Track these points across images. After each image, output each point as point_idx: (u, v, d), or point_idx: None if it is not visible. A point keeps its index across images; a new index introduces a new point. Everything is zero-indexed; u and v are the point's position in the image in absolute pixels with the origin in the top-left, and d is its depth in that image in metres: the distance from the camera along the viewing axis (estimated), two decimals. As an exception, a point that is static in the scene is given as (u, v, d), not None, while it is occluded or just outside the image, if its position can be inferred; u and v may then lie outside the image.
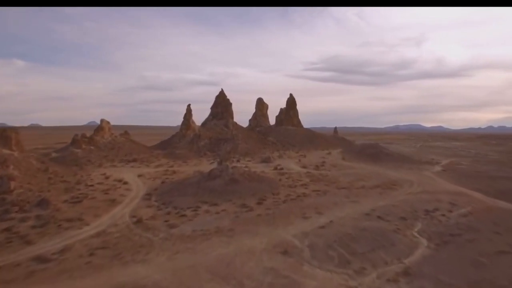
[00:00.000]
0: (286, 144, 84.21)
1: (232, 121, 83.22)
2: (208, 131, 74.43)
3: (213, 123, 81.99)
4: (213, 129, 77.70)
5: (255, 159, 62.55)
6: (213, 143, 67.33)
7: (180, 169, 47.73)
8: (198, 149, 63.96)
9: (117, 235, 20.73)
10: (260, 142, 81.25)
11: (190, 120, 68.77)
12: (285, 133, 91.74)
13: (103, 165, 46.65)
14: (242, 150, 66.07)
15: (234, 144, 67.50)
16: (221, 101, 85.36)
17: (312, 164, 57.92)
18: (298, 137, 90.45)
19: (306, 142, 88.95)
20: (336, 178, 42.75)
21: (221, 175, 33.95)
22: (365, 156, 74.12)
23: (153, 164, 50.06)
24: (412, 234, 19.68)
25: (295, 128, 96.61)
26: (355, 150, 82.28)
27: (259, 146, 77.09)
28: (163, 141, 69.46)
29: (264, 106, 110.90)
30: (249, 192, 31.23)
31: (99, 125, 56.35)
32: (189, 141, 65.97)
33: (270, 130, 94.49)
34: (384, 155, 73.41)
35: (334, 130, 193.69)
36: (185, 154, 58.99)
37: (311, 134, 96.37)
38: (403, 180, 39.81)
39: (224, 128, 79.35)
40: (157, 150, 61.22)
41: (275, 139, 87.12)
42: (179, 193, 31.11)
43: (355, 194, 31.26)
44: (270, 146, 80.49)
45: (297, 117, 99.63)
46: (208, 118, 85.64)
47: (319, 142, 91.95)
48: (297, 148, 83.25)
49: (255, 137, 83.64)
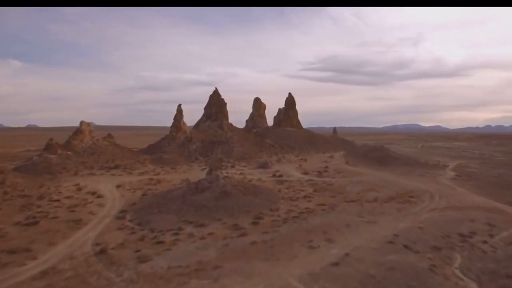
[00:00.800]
0: (285, 147, 79.76)
1: (226, 122, 78.66)
2: (200, 133, 69.84)
3: (206, 124, 77.39)
4: (206, 131, 73.11)
5: (251, 164, 58.05)
6: (206, 147, 62.76)
7: (166, 177, 43.12)
8: (189, 153, 59.37)
9: (68, 274, 16.12)
10: (257, 145, 76.77)
11: (181, 121, 64.20)
12: (283, 135, 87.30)
13: (80, 173, 41.97)
14: (238, 154, 61.55)
15: (228, 147, 62.95)
16: (215, 101, 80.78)
17: (314, 170, 53.50)
18: (298, 139, 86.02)
19: (307, 145, 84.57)
20: (343, 187, 38.28)
21: (211, 187, 29.40)
22: (370, 159, 69.84)
23: (137, 172, 45.42)
24: (455, 274, 15.19)
25: (295, 129, 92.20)
26: (359, 153, 77.98)
27: (256, 149, 72.60)
28: (151, 145, 64.85)
29: (261, 106, 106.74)
30: (243, 208, 26.69)
31: (78, 128, 51.61)
32: (180, 145, 61.39)
33: (268, 131, 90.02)
34: (390, 158, 69.14)
35: (334, 131, 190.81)
36: (174, 159, 54.39)
37: (311, 135, 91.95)
38: (419, 190, 35.37)
39: (218, 130, 74.76)
40: (144, 155, 56.58)
41: (273, 141, 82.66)
42: (160, 210, 26.51)
43: (369, 211, 26.77)
44: (268, 149, 76.03)
45: (297, 118, 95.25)
46: (201, 119, 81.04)
47: (320, 144, 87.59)
48: (297, 151, 78.85)
49: (252, 139, 79.14)
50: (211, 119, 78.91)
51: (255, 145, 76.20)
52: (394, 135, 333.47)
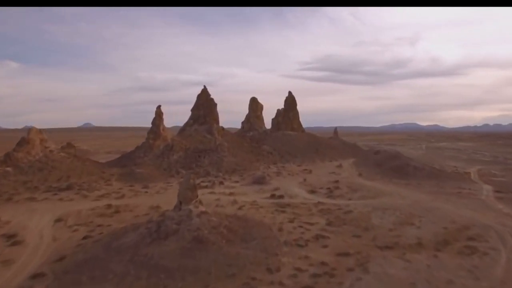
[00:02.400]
0: (286, 155, 70.69)
1: (217, 126, 69.45)
2: (185, 139, 60.61)
3: (193, 129, 68.18)
4: (193, 136, 63.92)
5: (245, 178, 48.92)
6: (190, 157, 53.53)
7: (131, 201, 33.86)
8: (169, 165, 50.10)
9: None
10: (253, 152, 67.67)
11: (161, 126, 54.97)
12: (283, 140, 78.19)
13: (15, 199, 32.65)
14: (229, 166, 52.39)
15: (217, 157, 53.77)
16: (204, 101, 71.59)
17: (323, 186, 44.50)
18: (300, 145, 76.93)
19: (310, 151, 75.53)
20: (366, 217, 29.18)
21: (178, 231, 20.24)
22: (387, 170, 60.90)
23: (96, 194, 36.10)
24: None
25: (296, 133, 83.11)
26: (373, 162, 69.01)
27: (251, 158, 63.47)
28: (124, 155, 55.52)
29: (258, 107, 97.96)
30: (225, 269, 17.54)
31: (24, 138, 42.13)
32: (158, 155, 52.12)
33: (266, 136, 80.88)
34: (411, 168, 60.19)
35: (334, 131, 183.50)
36: (149, 174, 45.14)
37: (315, 140, 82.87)
38: (475, 222, 26.33)
39: (206, 135, 65.59)
40: (113, 169, 47.25)
41: (272, 147, 73.57)
42: (93, 275, 17.28)
43: (422, 271, 17.64)
44: (266, 157, 66.95)
45: (298, 120, 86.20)
46: (187, 122, 71.81)
47: (325, 151, 78.59)
48: (299, 159, 69.79)
49: (247, 146, 70.02)
50: (199, 122, 69.71)
51: (250, 152, 67.09)
52: (393, 135, 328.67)
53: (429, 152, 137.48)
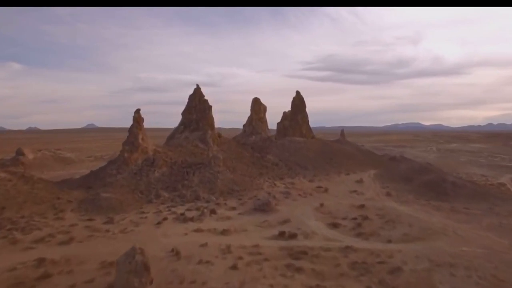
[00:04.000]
0: (294, 166, 60.99)
1: (212, 133, 59.85)
2: (172, 150, 51.07)
3: (183, 136, 58.64)
4: (182, 146, 54.38)
5: (245, 203, 39.32)
6: (176, 174, 43.94)
7: (79, 251, 24.24)
8: (148, 186, 40.52)
9: None
10: (255, 164, 58.02)
11: (140, 135, 45.44)
12: (291, 148, 68.48)
13: None
14: (224, 185, 42.75)
15: (211, 174, 44.17)
16: (196, 103, 62.08)
17: (347, 216, 35.04)
18: (311, 154, 67.19)
19: (323, 162, 65.78)
20: (428, 284, 19.51)
21: None
22: (420, 187, 51.35)
23: (32, 236, 26.45)
24: None
25: (305, 139, 73.33)
26: (398, 175, 59.32)
27: (252, 171, 53.82)
28: (93, 171, 45.98)
29: (261, 108, 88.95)
30: None
31: None
32: (135, 172, 42.57)
33: (270, 143, 71.20)
34: (449, 185, 50.66)
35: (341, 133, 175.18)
36: (119, 199, 35.61)
37: (328, 148, 73.05)
38: None
39: (199, 144, 56.09)
40: (74, 192, 37.73)
41: (277, 157, 63.93)
42: None
43: None
44: (271, 170, 57.28)
45: (307, 124, 76.44)
46: (177, 129, 62.23)
47: (340, 160, 68.82)
48: (311, 171, 60.07)
49: (248, 156, 60.38)
50: (190, 128, 60.16)
51: (252, 165, 57.43)
52: (397, 135, 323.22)
53: (443, 156, 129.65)
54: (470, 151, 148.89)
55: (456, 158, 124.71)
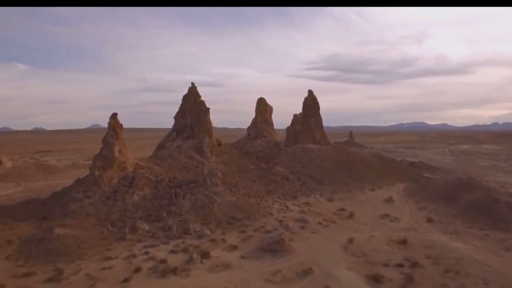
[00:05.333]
0: (308, 180, 51.94)
1: (209, 141, 50.88)
2: (159, 165, 42.28)
3: (175, 145, 49.81)
4: (173, 158, 45.56)
5: (249, 238, 30.38)
6: (161, 197, 35.08)
7: None
8: (123, 215, 31.68)
9: None
10: (262, 178, 49.07)
11: (115, 147, 36.62)
12: (304, 158, 59.39)
13: None
14: (223, 212, 33.84)
15: (206, 196, 35.30)
16: (191, 106, 53.25)
17: (388, 262, 26.02)
18: (328, 165, 58.03)
19: (341, 174, 56.62)
20: None
21: None
22: (468, 210, 42.31)
23: None
24: None
25: (319, 147, 64.22)
26: (434, 192, 50.15)
27: (258, 188, 44.91)
28: (55, 194, 37.08)
29: (267, 109, 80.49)
30: None
31: None
32: (108, 196, 33.81)
33: (278, 151, 62.19)
34: (504, 206, 41.70)
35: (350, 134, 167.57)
36: (78, 237, 26.76)
37: (346, 157, 63.83)
38: None
39: (194, 155, 47.29)
40: (21, 224, 28.99)
41: (288, 169, 54.91)
42: None
43: None
44: (280, 185, 48.31)
45: (321, 128, 67.32)
46: (168, 135, 53.36)
47: (361, 172, 59.64)
48: (329, 187, 51.01)
49: (253, 168, 51.39)
50: (184, 135, 51.35)
51: (258, 179, 48.48)
52: (403, 135, 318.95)
53: (459, 159, 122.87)
54: (486, 154, 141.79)
55: (474, 161, 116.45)
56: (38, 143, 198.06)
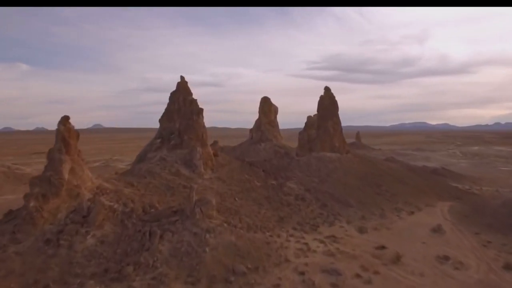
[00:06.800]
0: (330, 201, 41.42)
1: (204, 151, 40.34)
2: (133, 185, 31.86)
3: (158, 157, 39.38)
4: (154, 175, 35.07)
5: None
6: (129, 239, 24.63)
7: None
8: (67, 271, 21.28)
9: None
10: (271, 200, 38.60)
11: (66, 164, 26.08)
12: (321, 170, 48.83)
13: None
14: (217, 263, 23.39)
15: (194, 234, 24.88)
16: (180, 105, 42.82)
17: None
18: (352, 180, 47.44)
19: (369, 191, 46.09)
20: None
21: None
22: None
23: None
24: None
25: (339, 156, 53.59)
26: (494, 218, 39.44)
27: (267, 215, 34.46)
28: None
29: (271, 110, 71.56)
30: None
31: None
32: (47, 239, 23.38)
33: (290, 162, 51.63)
34: None
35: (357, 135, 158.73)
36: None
37: (371, 169, 53.15)
38: None
39: (182, 170, 36.87)
40: None
41: (303, 185, 44.41)
42: None
43: None
44: (294, 209, 37.85)
45: (340, 133, 56.67)
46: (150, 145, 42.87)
47: (391, 187, 49.10)
48: (357, 210, 40.50)
49: (259, 186, 40.88)
50: (170, 144, 40.92)
51: (266, 201, 38.00)
52: (407, 136, 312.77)
53: (475, 163, 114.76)
54: (501, 156, 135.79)
55: (492, 166, 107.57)
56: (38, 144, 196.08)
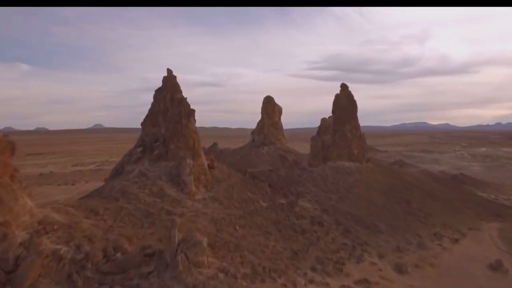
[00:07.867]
0: (353, 226, 33.37)
1: (196, 164, 32.20)
2: (97, 214, 23.92)
3: (137, 171, 31.35)
4: (129, 197, 27.13)
5: None
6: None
7: None
8: None
9: None
10: (280, 226, 30.61)
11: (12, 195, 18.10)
12: (338, 184, 40.78)
13: None
14: None
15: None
16: (167, 104, 34.80)
17: None
18: (376, 196, 39.40)
19: (398, 210, 38.05)
20: None
21: None
22: None
23: None
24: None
25: (359, 165, 45.52)
26: None
27: (278, 252, 26.47)
28: None
29: (275, 110, 65.10)
30: None
31: None
32: None
33: (301, 173, 43.55)
34: None
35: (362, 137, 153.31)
36: None
37: (397, 181, 45.05)
38: None
39: (167, 189, 28.90)
40: None
41: (319, 204, 36.39)
42: None
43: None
44: (311, 239, 29.82)
45: (359, 138, 48.51)
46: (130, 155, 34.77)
47: (421, 204, 41.08)
48: (387, 237, 32.42)
49: (265, 208, 32.86)
50: (153, 154, 32.87)
51: (275, 228, 29.97)
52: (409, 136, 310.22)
53: (488, 166, 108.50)
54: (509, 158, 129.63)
55: (506, 169, 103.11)
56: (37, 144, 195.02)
